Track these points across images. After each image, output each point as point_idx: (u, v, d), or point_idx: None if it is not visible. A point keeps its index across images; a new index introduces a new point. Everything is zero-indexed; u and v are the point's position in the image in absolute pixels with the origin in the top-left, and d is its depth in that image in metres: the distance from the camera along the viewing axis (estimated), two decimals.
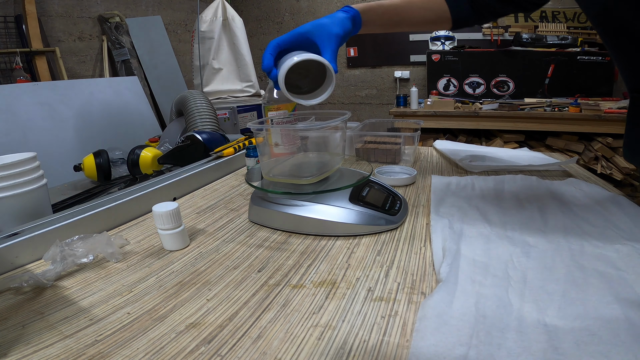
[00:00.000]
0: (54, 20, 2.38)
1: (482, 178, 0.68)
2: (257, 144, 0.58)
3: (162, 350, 0.30)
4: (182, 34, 3.21)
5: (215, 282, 0.40)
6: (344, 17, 0.52)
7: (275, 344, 0.30)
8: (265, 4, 3.39)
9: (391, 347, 0.29)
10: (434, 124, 2.43)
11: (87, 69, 2.58)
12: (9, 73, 2.09)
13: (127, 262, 0.45)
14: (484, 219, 0.50)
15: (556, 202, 0.55)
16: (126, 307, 0.36)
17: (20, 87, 1.22)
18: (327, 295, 0.36)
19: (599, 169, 2.06)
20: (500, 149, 0.93)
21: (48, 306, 0.37)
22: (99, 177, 0.93)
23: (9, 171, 0.54)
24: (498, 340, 0.28)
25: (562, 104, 2.24)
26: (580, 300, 0.32)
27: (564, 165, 0.76)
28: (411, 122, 0.95)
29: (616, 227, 0.45)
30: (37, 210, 0.58)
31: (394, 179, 0.70)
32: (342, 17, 0.52)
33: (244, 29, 2.27)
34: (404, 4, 0.60)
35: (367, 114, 3.31)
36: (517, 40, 2.51)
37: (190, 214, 0.60)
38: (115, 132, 1.35)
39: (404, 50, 3.00)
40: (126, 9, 2.78)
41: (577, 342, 0.27)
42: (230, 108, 2.06)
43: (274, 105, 0.71)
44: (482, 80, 2.60)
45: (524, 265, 0.38)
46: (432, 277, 0.39)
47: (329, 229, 0.48)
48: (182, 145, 0.90)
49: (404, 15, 0.60)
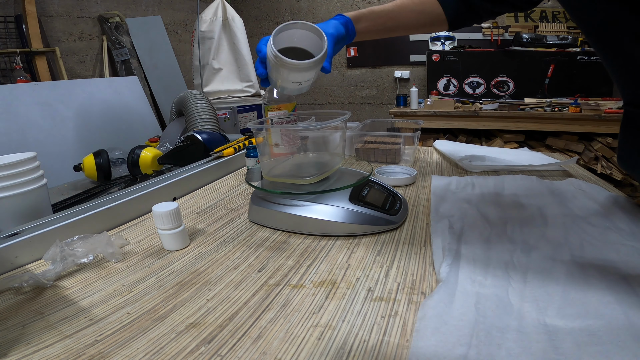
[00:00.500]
0: (54, 20, 2.38)
1: (482, 178, 0.68)
2: (257, 144, 0.58)
3: (162, 350, 0.30)
4: (182, 34, 3.21)
5: (215, 282, 0.40)
6: (336, 22, 0.53)
7: (275, 344, 0.30)
8: (265, 4, 3.39)
9: (391, 347, 0.29)
10: (434, 124, 2.43)
11: (87, 69, 2.58)
12: (9, 73, 2.09)
13: (127, 262, 0.45)
14: (484, 219, 0.50)
15: (556, 202, 0.55)
16: (126, 307, 0.36)
17: (20, 87, 1.22)
18: (327, 295, 0.36)
19: (599, 169, 2.06)
20: (500, 149, 0.93)
21: (48, 306, 0.37)
22: (99, 177, 0.93)
23: (8, 171, 0.54)
24: (498, 340, 0.28)
25: (562, 104, 2.24)
26: (580, 300, 0.32)
27: (564, 165, 0.76)
28: (411, 122, 0.95)
29: (616, 227, 0.45)
30: (37, 210, 0.58)
31: (394, 179, 0.70)
32: (334, 22, 0.53)
33: (244, 29, 2.27)
34: (397, 8, 0.59)
35: (367, 114, 3.31)
36: (517, 40, 2.51)
37: (190, 214, 0.60)
38: (115, 132, 1.35)
39: (404, 50, 3.00)
40: (126, 9, 2.78)
41: (577, 342, 0.27)
42: (230, 108, 2.06)
43: (274, 105, 0.71)
44: (482, 80, 2.59)
45: (524, 265, 0.38)
46: (432, 277, 0.39)
47: (329, 229, 0.48)
48: (182, 145, 0.90)
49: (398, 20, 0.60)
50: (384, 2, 2.96)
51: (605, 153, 2.10)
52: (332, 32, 0.50)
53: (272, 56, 0.43)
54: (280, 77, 0.47)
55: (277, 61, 0.43)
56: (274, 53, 0.43)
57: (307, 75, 0.46)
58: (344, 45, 0.56)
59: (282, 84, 0.49)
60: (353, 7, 3.08)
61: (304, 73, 0.45)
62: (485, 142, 2.42)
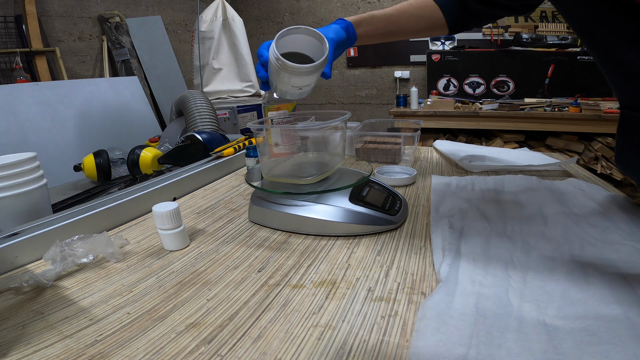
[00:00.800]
0: (54, 20, 2.38)
1: (482, 178, 0.68)
2: (257, 144, 0.58)
3: (162, 350, 0.30)
4: (182, 34, 3.21)
5: (215, 282, 0.40)
6: (337, 27, 0.54)
7: (275, 344, 0.30)
8: (265, 4, 3.39)
9: (391, 347, 0.29)
10: (434, 124, 2.43)
11: (87, 69, 2.58)
12: (9, 73, 2.09)
13: (127, 262, 0.45)
14: (484, 219, 0.50)
15: (556, 202, 0.55)
16: (126, 307, 0.36)
17: (20, 87, 1.21)
18: (327, 295, 0.36)
19: (599, 169, 2.06)
20: (500, 149, 0.93)
21: (48, 306, 0.37)
22: (99, 177, 0.93)
23: (9, 171, 0.54)
24: (498, 340, 0.28)
25: (562, 104, 2.24)
26: (580, 300, 0.32)
27: (564, 165, 0.76)
28: (411, 122, 0.95)
29: (616, 227, 0.45)
30: (37, 210, 0.58)
31: (394, 179, 0.70)
32: (335, 26, 0.54)
33: (244, 29, 2.27)
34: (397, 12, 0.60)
35: (367, 114, 3.31)
36: (517, 40, 2.51)
37: (190, 214, 0.60)
38: (115, 132, 1.35)
39: (404, 50, 3.00)
40: (126, 9, 2.78)
41: (577, 342, 0.27)
42: (230, 108, 2.06)
43: (274, 105, 0.71)
44: (482, 80, 2.59)
45: (524, 265, 0.38)
46: (432, 277, 0.39)
47: (329, 229, 0.48)
48: (182, 145, 0.90)
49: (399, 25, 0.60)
50: (384, 3, 2.97)
51: (605, 153, 2.10)
52: (333, 37, 0.51)
53: (274, 59, 0.44)
54: (281, 81, 0.48)
55: (279, 64, 0.44)
56: (276, 56, 0.43)
57: (308, 79, 0.47)
58: (344, 50, 0.56)
59: (282, 88, 0.49)
60: (353, 7, 3.08)
61: (304, 77, 0.46)
62: (485, 142, 2.42)
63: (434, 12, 0.59)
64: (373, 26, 0.59)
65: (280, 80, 0.47)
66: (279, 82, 0.48)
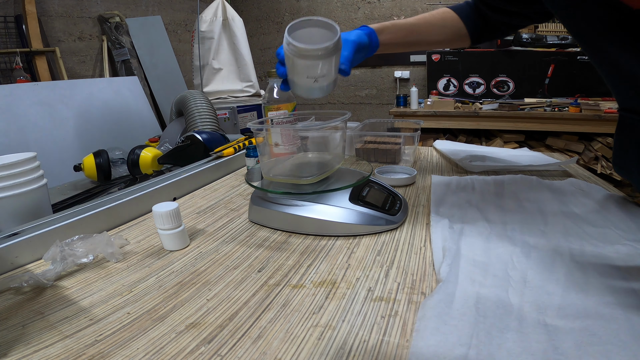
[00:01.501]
0: (54, 20, 2.39)
1: (482, 178, 0.68)
2: (257, 144, 0.58)
3: (162, 350, 0.30)
4: (182, 34, 3.21)
5: (215, 282, 0.40)
6: (359, 32, 0.54)
7: (275, 344, 0.30)
8: (265, 4, 3.39)
9: (391, 347, 0.29)
10: (434, 124, 2.43)
11: (87, 69, 2.58)
12: (9, 73, 2.10)
13: (127, 262, 0.45)
14: (484, 219, 0.50)
15: (556, 202, 0.55)
16: (126, 307, 0.36)
17: (20, 87, 1.22)
18: (327, 295, 0.36)
19: (599, 169, 2.06)
20: (500, 149, 0.93)
21: (48, 306, 0.37)
22: (99, 177, 0.93)
23: (8, 171, 0.54)
24: (498, 340, 0.28)
25: (562, 104, 2.24)
26: (580, 300, 0.32)
27: (564, 165, 0.76)
28: (411, 122, 0.95)
29: (616, 227, 0.45)
30: (37, 210, 0.58)
31: (394, 179, 0.70)
32: (358, 31, 0.54)
33: (244, 29, 2.28)
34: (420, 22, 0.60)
35: (367, 114, 3.31)
36: (517, 40, 2.50)
37: (190, 214, 0.60)
38: (115, 132, 1.35)
39: None
40: (126, 9, 2.78)
41: (577, 342, 0.27)
42: (230, 108, 2.06)
43: (274, 105, 0.71)
44: (482, 80, 2.59)
45: (524, 265, 0.38)
46: (432, 277, 0.39)
47: (329, 229, 0.48)
48: (182, 145, 0.90)
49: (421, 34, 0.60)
50: (384, 4, 2.97)
51: (605, 153, 2.10)
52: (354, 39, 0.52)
53: (286, 46, 0.44)
54: (296, 73, 0.47)
55: (290, 49, 0.43)
56: (287, 41, 0.43)
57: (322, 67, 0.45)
58: (366, 55, 0.56)
59: (299, 82, 0.49)
60: (353, 7, 3.08)
61: (317, 63, 0.44)
62: (485, 142, 2.42)
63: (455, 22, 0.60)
64: (395, 34, 0.59)
65: (296, 72, 0.47)
66: (295, 75, 0.48)
